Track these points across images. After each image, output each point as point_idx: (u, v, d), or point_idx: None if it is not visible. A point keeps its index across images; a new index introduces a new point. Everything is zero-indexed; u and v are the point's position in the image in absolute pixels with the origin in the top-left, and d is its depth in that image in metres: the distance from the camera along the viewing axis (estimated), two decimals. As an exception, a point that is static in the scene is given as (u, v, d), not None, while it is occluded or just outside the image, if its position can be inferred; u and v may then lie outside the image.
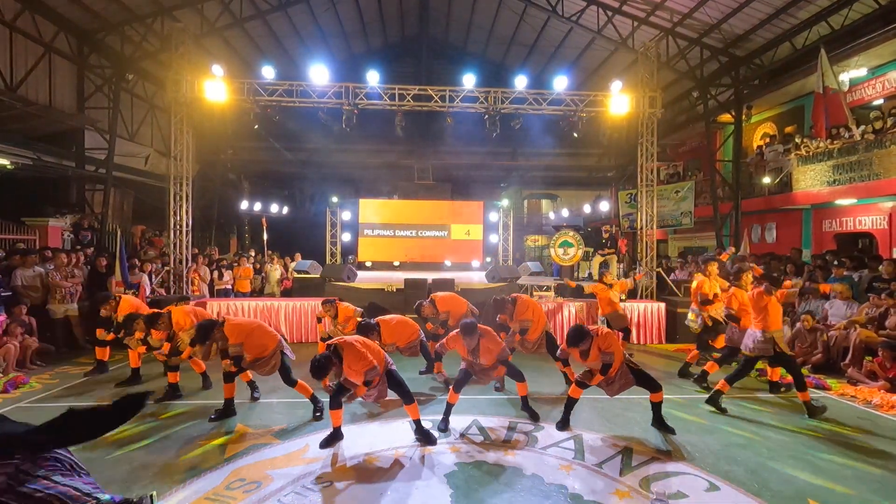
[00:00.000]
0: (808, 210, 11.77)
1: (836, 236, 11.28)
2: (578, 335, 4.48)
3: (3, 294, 6.83)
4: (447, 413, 4.70)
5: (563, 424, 4.67)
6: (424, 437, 4.30)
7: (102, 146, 11.72)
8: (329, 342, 4.20)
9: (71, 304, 7.83)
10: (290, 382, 4.97)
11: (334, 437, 4.26)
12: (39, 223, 10.39)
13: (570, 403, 4.74)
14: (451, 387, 4.82)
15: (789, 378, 5.50)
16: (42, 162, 10.49)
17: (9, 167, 9.86)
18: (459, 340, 4.70)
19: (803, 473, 3.84)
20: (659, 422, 4.69)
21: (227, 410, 4.87)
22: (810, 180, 10.76)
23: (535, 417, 4.92)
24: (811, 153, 10.73)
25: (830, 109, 9.29)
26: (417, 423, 4.36)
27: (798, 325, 7.48)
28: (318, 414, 4.89)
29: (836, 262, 8.11)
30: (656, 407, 4.70)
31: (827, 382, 6.25)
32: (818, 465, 3.99)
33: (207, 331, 4.74)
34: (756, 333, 5.20)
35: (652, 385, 4.62)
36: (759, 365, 7.02)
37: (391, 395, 4.46)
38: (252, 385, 5.50)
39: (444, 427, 4.60)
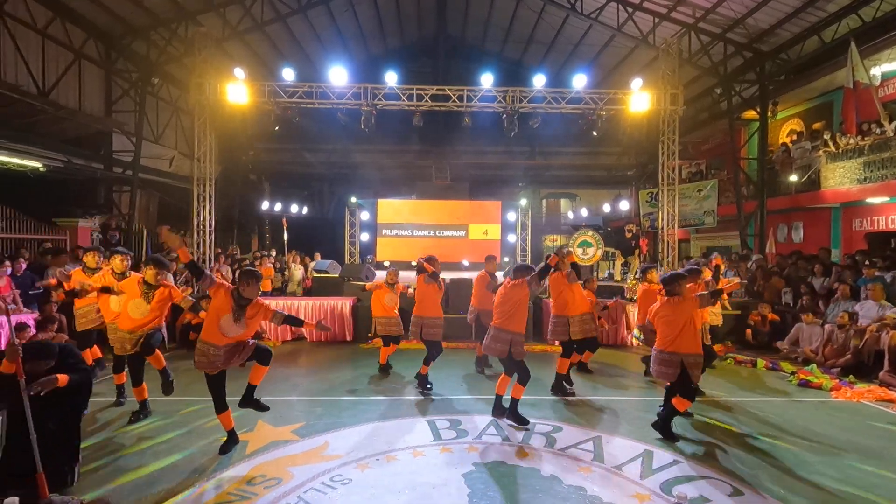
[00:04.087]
0: (837, 208, 11.42)
1: (868, 235, 10.92)
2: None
3: (34, 292, 7.06)
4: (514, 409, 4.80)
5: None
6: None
7: (129, 149, 12.04)
8: None
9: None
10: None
11: (231, 442, 4.22)
12: (70, 224, 10.73)
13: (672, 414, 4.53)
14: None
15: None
16: (72, 164, 10.82)
17: (41, 169, 10.20)
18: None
19: (831, 480, 3.73)
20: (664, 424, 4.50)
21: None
22: (839, 178, 10.44)
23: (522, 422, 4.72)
24: (841, 150, 10.41)
25: (861, 104, 9.01)
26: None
27: (828, 326, 7.28)
28: (169, 385, 4.92)
29: (867, 262, 7.86)
30: (670, 409, 4.50)
31: (855, 386, 6.06)
32: (847, 472, 3.87)
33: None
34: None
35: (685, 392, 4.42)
36: (791, 368, 6.87)
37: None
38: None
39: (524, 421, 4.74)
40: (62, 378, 3.24)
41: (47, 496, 3.09)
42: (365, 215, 14.75)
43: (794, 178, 11.90)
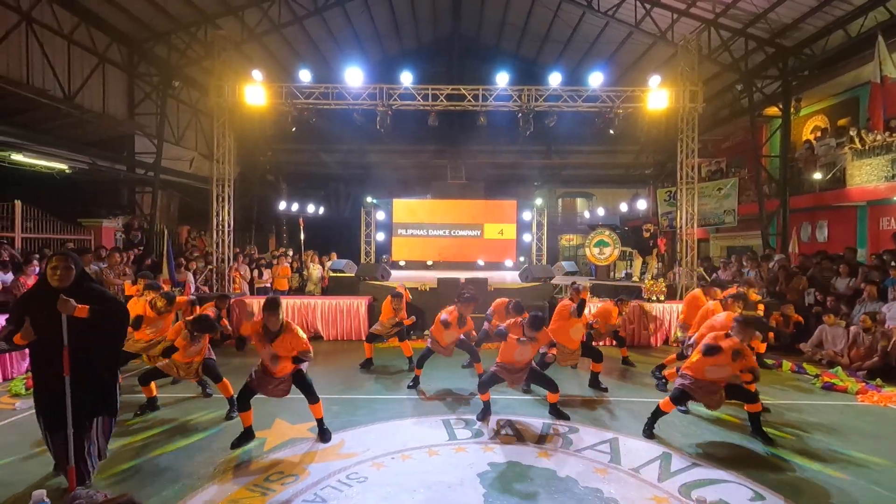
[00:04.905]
0: (863, 207, 11.10)
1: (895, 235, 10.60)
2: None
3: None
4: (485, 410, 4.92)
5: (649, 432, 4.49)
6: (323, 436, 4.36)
7: (151, 150, 12.30)
8: None
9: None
10: (216, 378, 4.99)
11: (245, 437, 4.25)
12: (94, 224, 11.03)
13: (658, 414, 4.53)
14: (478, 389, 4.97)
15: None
16: (96, 166, 11.11)
17: (66, 171, 10.49)
18: (518, 327, 4.80)
19: (855, 485, 3.63)
20: (756, 431, 4.46)
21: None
22: (866, 175, 10.15)
23: (564, 418, 4.87)
24: (867, 146, 10.13)
25: (889, 100, 8.76)
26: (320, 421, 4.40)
27: (854, 328, 7.09)
28: (232, 415, 4.82)
29: (893, 263, 7.62)
30: (752, 417, 4.48)
31: (883, 389, 5.88)
32: (873, 477, 3.76)
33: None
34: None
35: (746, 396, 4.43)
36: (815, 370, 6.70)
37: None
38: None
39: (481, 417, 4.85)
40: (82, 308, 3.09)
41: (74, 489, 3.17)
42: (380, 215, 14.83)
43: (818, 175, 11.61)
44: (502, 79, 10.22)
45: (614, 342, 7.39)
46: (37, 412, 3.31)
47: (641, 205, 18.17)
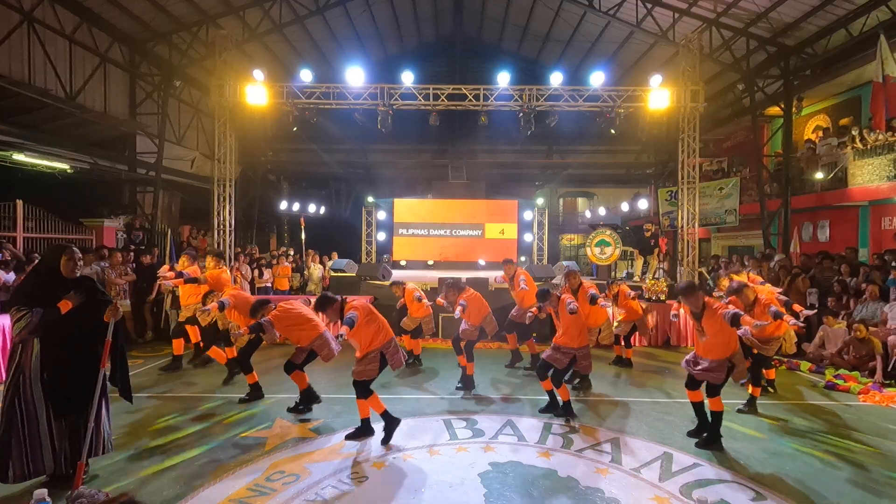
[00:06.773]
0: (865, 207, 11.08)
1: (898, 234, 10.57)
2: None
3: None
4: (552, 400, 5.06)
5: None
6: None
7: (152, 150, 12.30)
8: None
9: (124, 301, 8.28)
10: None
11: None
12: (96, 224, 11.05)
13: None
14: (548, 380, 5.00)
15: None
16: (98, 166, 11.12)
17: (68, 171, 10.51)
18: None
19: (859, 488, 3.63)
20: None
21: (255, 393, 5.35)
22: (868, 175, 10.13)
23: (553, 412, 4.97)
24: (869, 146, 10.11)
25: (891, 99, 8.74)
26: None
27: (843, 331, 7.07)
28: (300, 407, 5.03)
29: (895, 263, 7.60)
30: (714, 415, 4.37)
31: (884, 389, 5.87)
32: (875, 477, 3.76)
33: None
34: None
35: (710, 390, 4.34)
36: (834, 371, 6.68)
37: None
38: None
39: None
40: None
41: (79, 487, 3.17)
42: (381, 215, 14.84)
43: (819, 175, 11.60)
44: (503, 78, 10.22)
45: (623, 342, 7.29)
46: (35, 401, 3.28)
47: (643, 204, 18.15)
